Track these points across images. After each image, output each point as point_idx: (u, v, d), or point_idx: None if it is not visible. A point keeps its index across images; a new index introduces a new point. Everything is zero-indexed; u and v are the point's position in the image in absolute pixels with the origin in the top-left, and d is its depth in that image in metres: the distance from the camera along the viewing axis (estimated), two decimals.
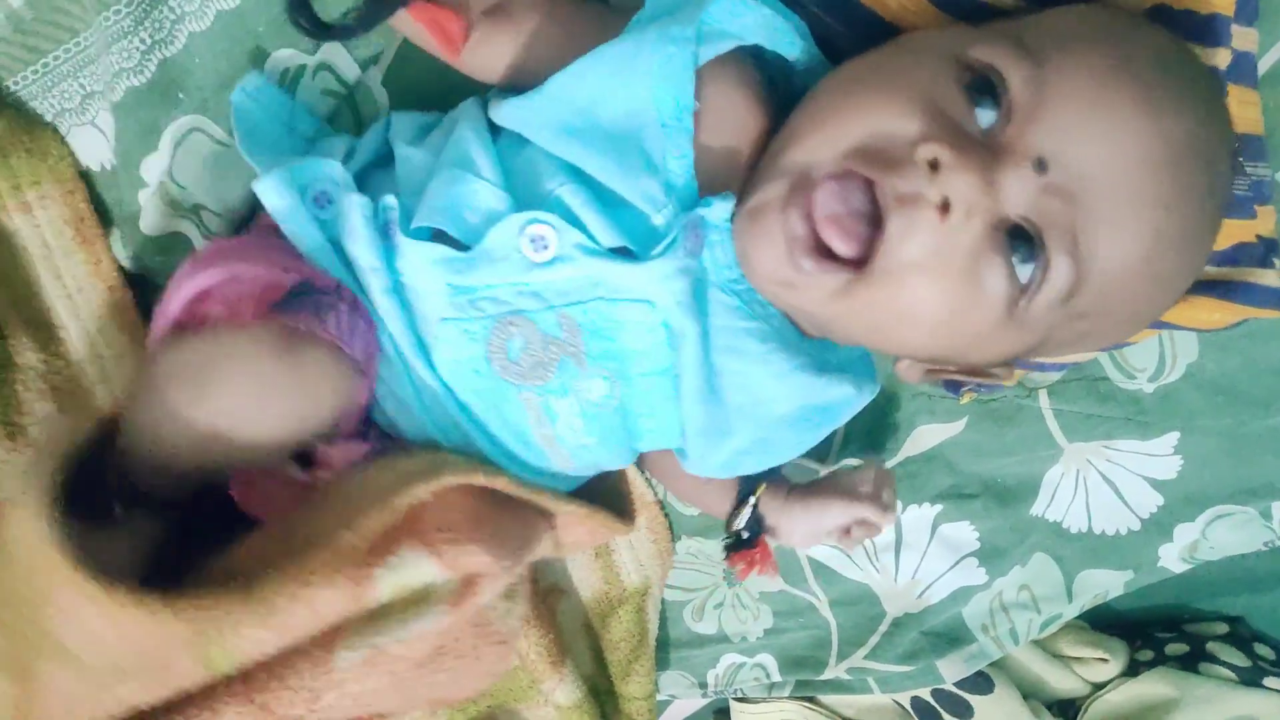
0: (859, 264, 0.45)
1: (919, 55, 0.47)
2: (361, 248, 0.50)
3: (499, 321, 0.50)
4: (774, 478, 0.66)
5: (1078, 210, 0.43)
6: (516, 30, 0.52)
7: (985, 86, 0.44)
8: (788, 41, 0.51)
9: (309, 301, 0.49)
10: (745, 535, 0.66)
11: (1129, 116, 0.43)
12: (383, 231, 0.51)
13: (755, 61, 0.52)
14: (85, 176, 0.61)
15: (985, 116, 0.44)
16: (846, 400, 0.55)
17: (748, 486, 0.65)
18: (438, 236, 0.51)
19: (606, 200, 0.49)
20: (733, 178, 0.50)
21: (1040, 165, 0.43)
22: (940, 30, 0.50)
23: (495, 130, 0.53)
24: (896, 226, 0.44)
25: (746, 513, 0.65)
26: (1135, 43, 0.46)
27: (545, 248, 0.49)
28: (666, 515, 0.75)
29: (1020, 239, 0.44)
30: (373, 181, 0.55)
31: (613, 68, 0.48)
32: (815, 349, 0.54)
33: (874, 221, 0.45)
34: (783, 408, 0.53)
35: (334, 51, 0.57)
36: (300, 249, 0.51)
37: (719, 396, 0.52)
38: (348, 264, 0.51)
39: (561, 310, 0.50)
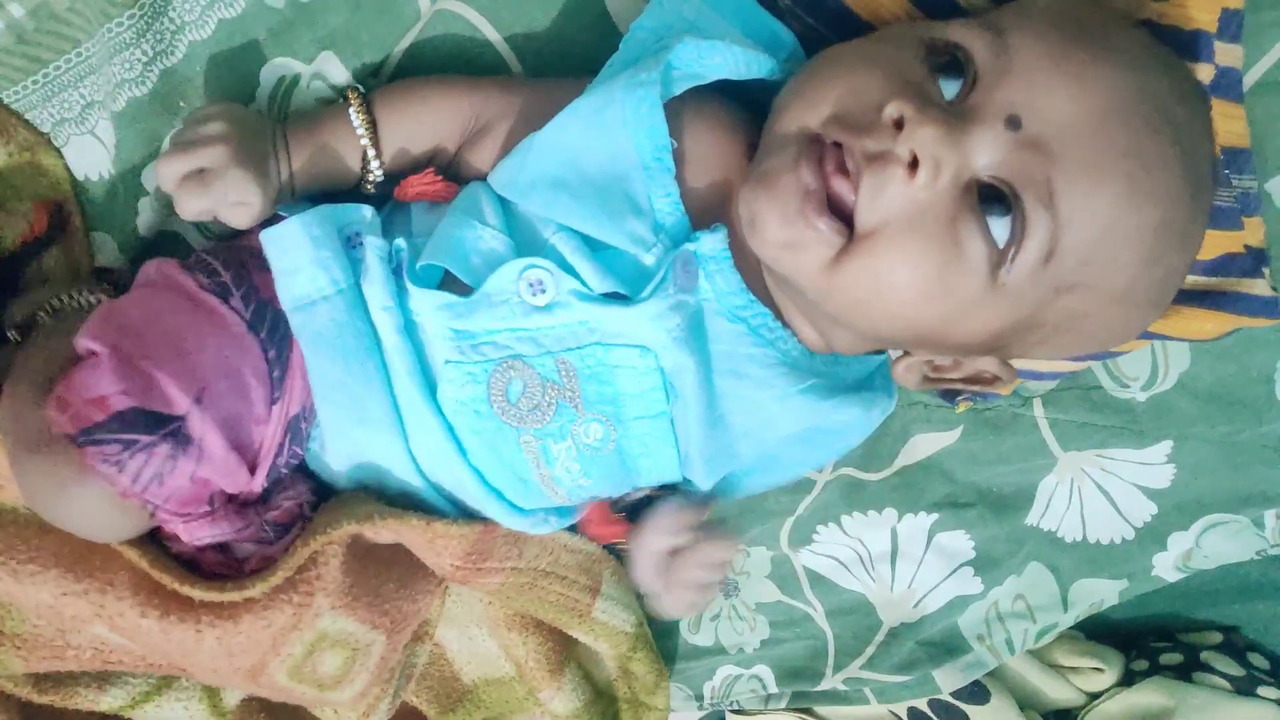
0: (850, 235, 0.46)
1: (889, 40, 0.49)
2: (376, 288, 0.52)
3: (499, 365, 0.52)
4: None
5: (1053, 161, 0.44)
6: (493, 141, 0.55)
7: (949, 63, 0.46)
8: (764, 67, 0.52)
9: (127, 437, 0.48)
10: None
11: (1094, 68, 0.44)
12: (396, 273, 0.52)
13: (733, 86, 0.53)
14: (81, 185, 0.61)
15: (949, 88, 0.46)
16: (854, 422, 0.56)
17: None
18: (446, 281, 0.52)
19: (597, 245, 0.50)
20: (721, 208, 0.51)
21: (1013, 122, 0.44)
22: (914, 22, 0.51)
23: None
24: (868, 185, 0.45)
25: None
26: (1094, 13, 0.47)
27: (543, 292, 0.50)
28: (617, 555, 0.74)
29: (993, 200, 0.44)
30: (395, 220, 0.56)
31: (587, 120, 0.50)
32: (826, 368, 0.55)
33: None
34: (787, 429, 0.54)
35: (328, 62, 0.58)
36: (309, 288, 0.52)
37: (724, 421, 0.53)
38: (363, 302, 0.52)
39: (559, 356, 0.51)
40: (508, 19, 0.57)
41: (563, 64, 0.57)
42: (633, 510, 0.65)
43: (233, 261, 0.54)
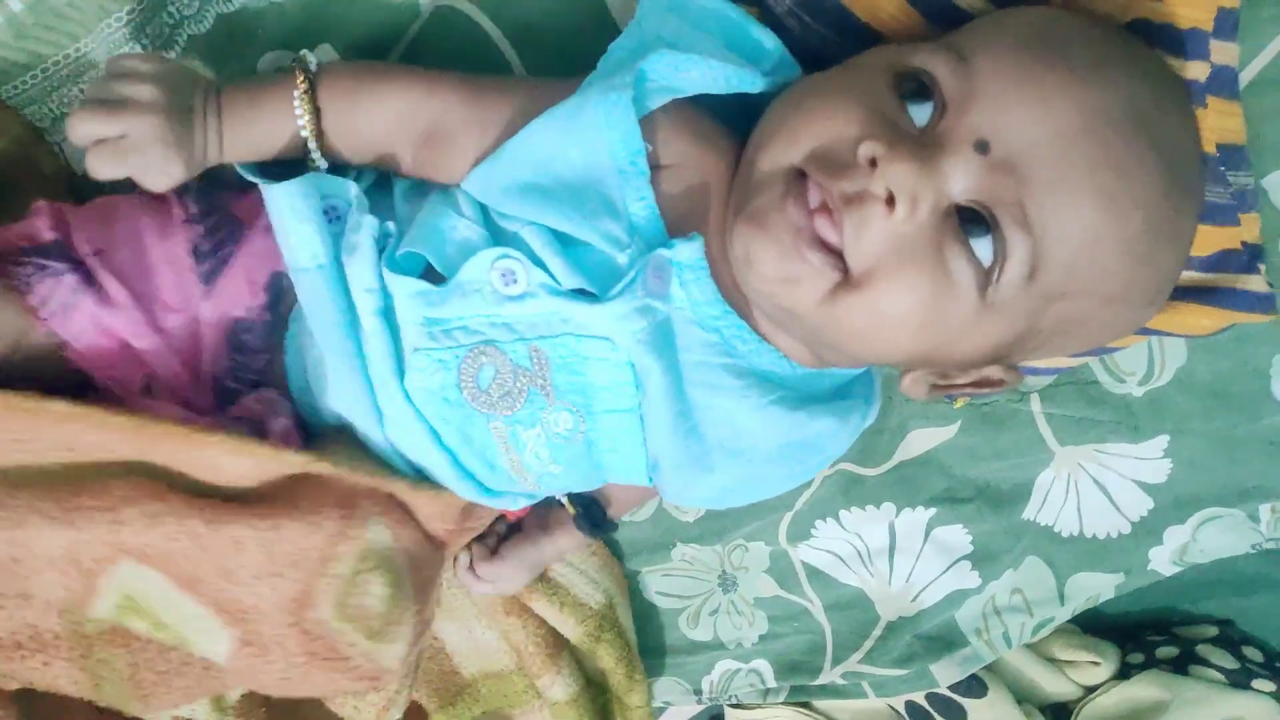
0: (845, 271, 0.46)
1: (861, 70, 0.49)
2: (363, 267, 0.51)
3: (471, 351, 0.52)
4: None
5: (1022, 182, 0.44)
6: (452, 146, 0.53)
7: (917, 89, 0.46)
8: (745, 81, 0.51)
9: (40, 262, 0.52)
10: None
11: (1055, 85, 0.44)
12: (381, 253, 0.52)
13: (716, 97, 0.53)
14: (78, 181, 0.61)
15: (920, 115, 0.46)
16: (831, 433, 0.56)
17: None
18: (425, 270, 0.52)
19: (569, 241, 0.50)
20: (700, 218, 0.51)
21: (982, 146, 0.45)
22: (885, 48, 0.51)
23: None
24: (850, 225, 0.45)
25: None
26: (1060, 25, 0.47)
27: (515, 281, 0.50)
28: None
29: (973, 223, 0.45)
30: (376, 204, 0.55)
31: (562, 125, 0.49)
32: (801, 381, 0.55)
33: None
34: (764, 443, 0.54)
35: (327, 56, 0.58)
36: (293, 257, 0.52)
37: (697, 432, 0.53)
38: (342, 279, 0.52)
39: (532, 343, 0.51)
40: (507, 15, 0.57)
41: (562, 61, 0.57)
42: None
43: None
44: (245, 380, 0.57)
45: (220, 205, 0.56)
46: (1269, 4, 0.54)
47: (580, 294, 0.50)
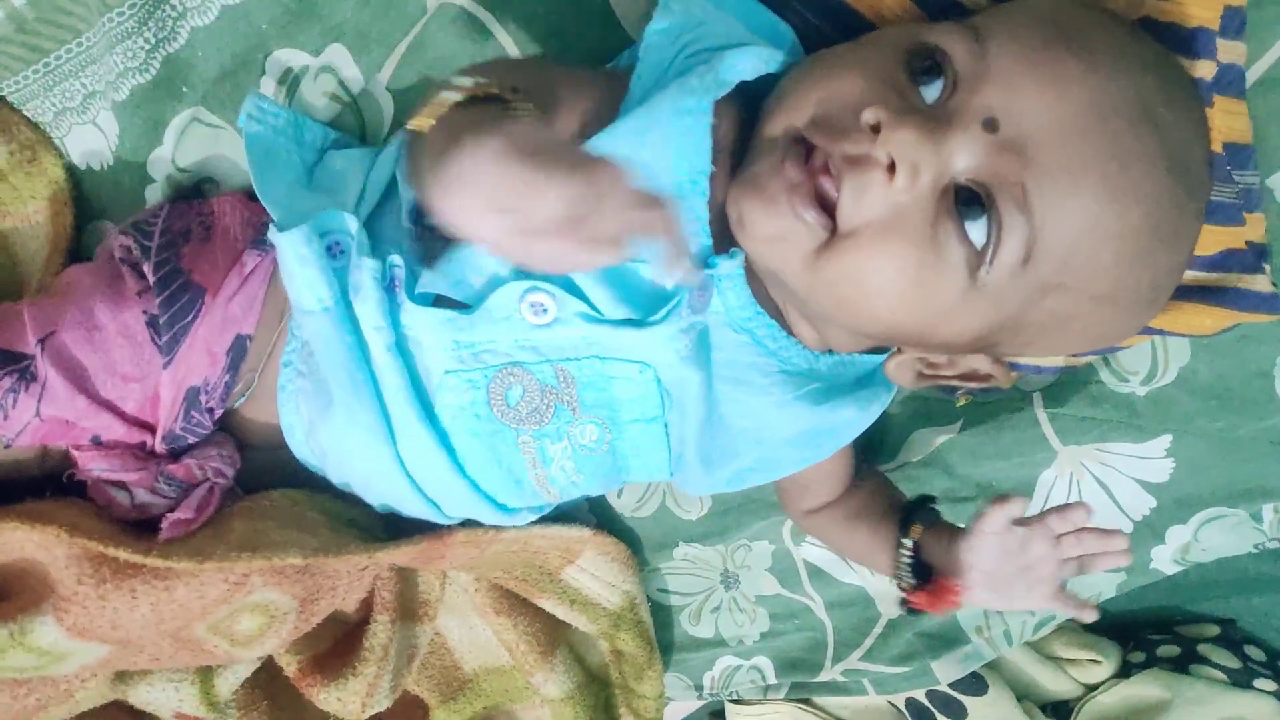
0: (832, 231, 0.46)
1: (874, 44, 0.49)
2: (369, 308, 0.51)
3: (499, 371, 0.52)
4: (932, 519, 0.60)
5: (1027, 163, 0.44)
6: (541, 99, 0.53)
7: (929, 67, 0.46)
8: (772, 61, 0.52)
9: None
10: (915, 585, 0.59)
11: (1070, 70, 0.44)
12: (388, 289, 0.52)
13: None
14: (80, 175, 0.61)
15: (929, 92, 0.46)
16: (849, 422, 0.56)
17: (904, 532, 0.60)
18: (440, 298, 0.52)
19: (608, 268, 0.50)
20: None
21: (990, 124, 0.44)
22: (898, 26, 0.51)
23: None
24: (849, 187, 0.45)
25: (907, 558, 0.59)
26: (1077, 15, 0.47)
27: (544, 312, 0.50)
28: (609, 531, 0.75)
29: (970, 203, 0.45)
30: (383, 222, 0.56)
31: (631, 141, 0.49)
32: (828, 371, 0.55)
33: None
34: (785, 433, 0.55)
35: (337, 54, 0.57)
36: (298, 299, 0.52)
37: (724, 423, 0.54)
38: (352, 317, 0.52)
39: (558, 364, 0.52)
40: (510, 13, 0.57)
41: (564, 58, 0.57)
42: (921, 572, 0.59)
43: (175, 228, 0.57)
44: (197, 433, 0.58)
45: (178, 270, 0.56)
46: (1275, 4, 0.54)
47: (621, 321, 0.50)
